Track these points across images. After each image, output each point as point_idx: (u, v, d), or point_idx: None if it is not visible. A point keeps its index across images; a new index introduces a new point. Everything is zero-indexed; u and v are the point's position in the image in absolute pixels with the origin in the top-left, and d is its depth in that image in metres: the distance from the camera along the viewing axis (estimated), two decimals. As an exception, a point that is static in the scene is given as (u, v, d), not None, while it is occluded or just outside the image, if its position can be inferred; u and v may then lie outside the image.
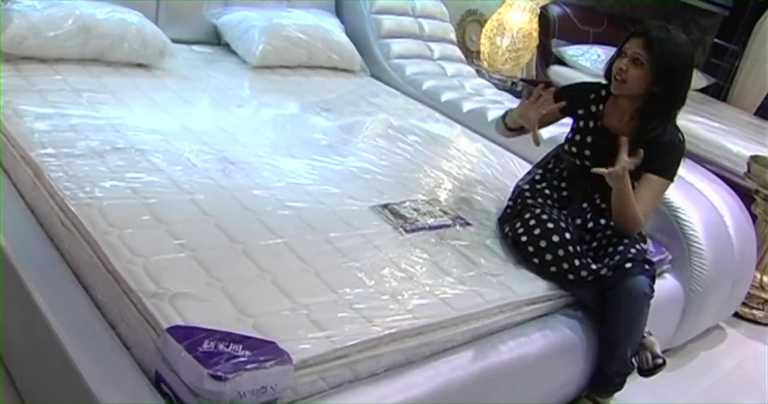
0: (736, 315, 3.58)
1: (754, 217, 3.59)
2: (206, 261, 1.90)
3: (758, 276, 3.67)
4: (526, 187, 2.66)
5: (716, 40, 6.77)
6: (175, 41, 3.59)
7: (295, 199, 2.35)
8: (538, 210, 2.46)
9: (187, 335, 1.59)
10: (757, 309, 3.69)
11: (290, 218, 2.23)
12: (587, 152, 2.55)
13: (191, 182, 2.29)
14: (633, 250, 2.35)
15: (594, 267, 2.32)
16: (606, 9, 6.34)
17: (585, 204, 2.57)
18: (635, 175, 2.41)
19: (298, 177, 2.53)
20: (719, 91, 6.65)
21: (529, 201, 2.56)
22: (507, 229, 2.48)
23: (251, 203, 2.25)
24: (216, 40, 3.86)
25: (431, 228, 2.41)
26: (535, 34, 4.80)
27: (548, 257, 2.34)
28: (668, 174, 2.43)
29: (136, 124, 2.63)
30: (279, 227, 2.15)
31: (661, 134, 2.39)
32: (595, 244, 2.47)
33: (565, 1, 5.92)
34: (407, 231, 2.33)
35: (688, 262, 2.90)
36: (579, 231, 2.50)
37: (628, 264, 2.30)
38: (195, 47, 3.75)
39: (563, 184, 2.65)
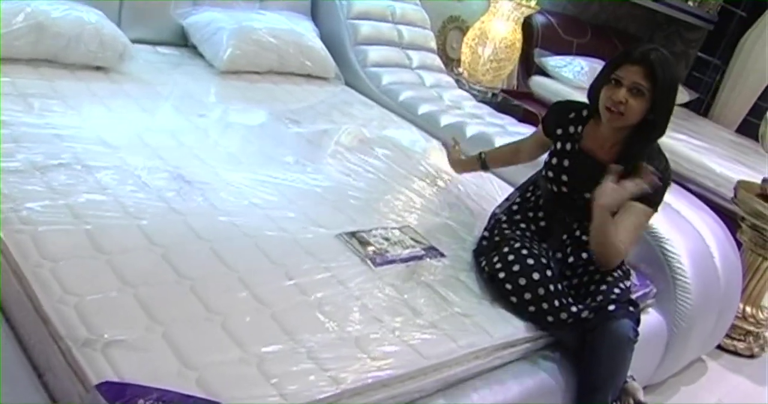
0: (718, 346, 3.43)
1: (739, 244, 3.44)
2: (148, 301, 1.70)
3: (741, 306, 3.52)
4: (503, 217, 2.50)
5: (700, 53, 6.67)
6: (138, 42, 3.42)
7: (254, 226, 2.15)
8: (517, 244, 2.28)
9: (119, 393, 1.40)
10: (739, 340, 3.55)
11: (247, 248, 2.04)
12: (564, 177, 2.38)
13: (140, 205, 2.08)
14: (616, 290, 2.17)
15: (574, 309, 2.14)
16: (590, 19, 6.21)
17: (564, 236, 2.40)
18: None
19: (260, 199, 2.33)
20: (700, 105, 6.54)
21: (507, 232, 2.39)
22: (483, 263, 2.31)
23: (205, 230, 2.05)
24: (183, 41, 3.66)
25: (402, 260, 2.22)
26: (519, 45, 4.63)
27: (527, 296, 2.16)
28: (652, 202, 2.25)
29: (86, 135, 2.42)
30: (234, 259, 1.95)
31: (648, 161, 2.22)
32: (575, 281, 2.30)
33: (550, 10, 5.77)
34: (376, 264, 2.14)
35: (672, 296, 2.74)
36: (559, 266, 2.33)
37: (611, 307, 2.12)
38: (160, 48, 3.55)
39: (540, 213, 2.48)
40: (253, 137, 2.82)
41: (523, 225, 2.45)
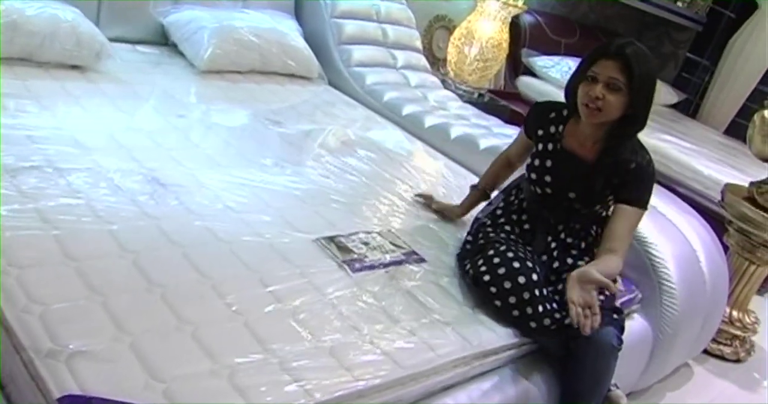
0: (704, 351, 3.40)
1: (725, 247, 3.41)
2: (116, 310, 1.64)
3: (728, 310, 3.49)
4: (487, 221, 2.45)
5: (688, 54, 6.64)
6: (117, 40, 3.37)
7: (230, 230, 2.10)
8: (503, 247, 2.24)
9: (81, 408, 1.34)
10: (725, 345, 3.51)
11: (222, 254, 1.98)
12: (547, 178, 2.33)
13: (112, 209, 2.02)
14: (601, 297, 2.12)
15: (558, 316, 2.09)
16: (579, 19, 6.17)
17: (549, 238, 2.35)
18: (606, 205, 2.27)
19: (236, 202, 2.27)
20: (689, 106, 6.52)
21: (492, 235, 2.35)
22: (468, 266, 2.26)
23: (179, 235, 2.00)
24: (163, 40, 3.60)
25: (381, 266, 2.17)
26: (506, 45, 4.58)
27: (512, 299, 2.12)
28: (642, 202, 2.23)
29: (60, 137, 2.37)
30: (207, 265, 1.90)
31: (628, 159, 2.19)
32: (561, 286, 2.24)
33: (538, 10, 5.73)
34: (354, 270, 2.09)
35: (658, 302, 2.70)
36: (545, 271, 2.28)
37: None
38: (139, 47, 3.49)
39: (524, 216, 2.43)
40: (233, 138, 2.76)
41: (507, 228, 2.40)
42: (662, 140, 4.79)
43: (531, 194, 2.40)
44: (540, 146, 2.36)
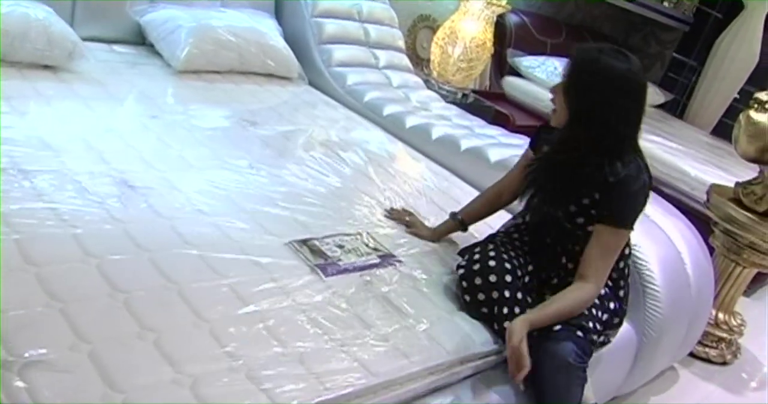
0: (690, 353, 3.35)
1: (711, 249, 3.37)
2: (76, 317, 1.58)
3: (713, 312, 3.45)
4: (502, 229, 2.42)
5: (675, 54, 6.62)
6: (93, 40, 3.32)
7: (199, 234, 2.04)
8: (490, 246, 2.20)
9: (31, 420, 1.28)
10: (712, 347, 3.48)
11: (190, 258, 1.92)
12: (535, 201, 2.28)
13: (77, 212, 1.96)
14: None
15: None
16: (565, 19, 6.14)
17: (548, 259, 2.26)
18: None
19: (208, 205, 2.21)
20: (676, 106, 6.50)
21: (496, 238, 2.32)
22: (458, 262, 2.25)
23: (146, 239, 1.93)
24: (140, 39, 3.54)
25: (356, 269, 2.11)
26: (490, 45, 4.53)
27: (480, 297, 2.08)
28: (619, 221, 2.07)
29: (27, 138, 2.30)
30: (174, 270, 1.84)
31: (616, 172, 2.03)
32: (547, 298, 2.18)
33: (523, 10, 5.69)
34: (327, 274, 2.03)
35: (642, 305, 2.64)
36: (533, 283, 2.24)
37: (556, 327, 2.00)
38: (116, 47, 3.42)
39: (525, 238, 2.34)
40: (207, 140, 2.70)
41: (516, 235, 2.34)
42: (649, 140, 4.74)
43: (531, 215, 2.32)
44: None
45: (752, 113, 3.31)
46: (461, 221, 2.50)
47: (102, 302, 1.66)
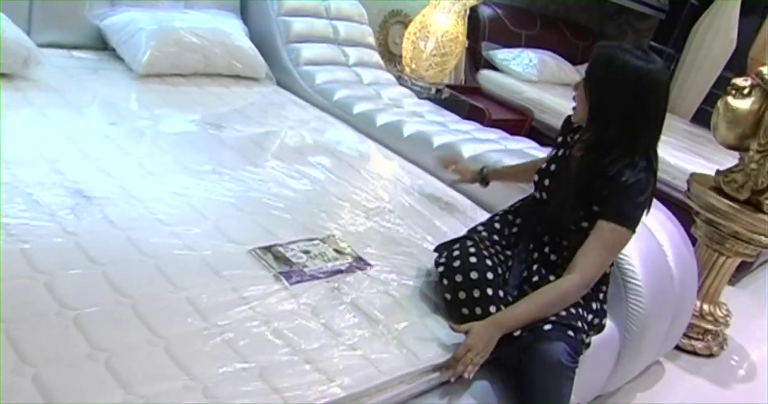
0: (676, 347, 3.28)
1: (693, 239, 3.30)
2: (21, 338, 1.49)
3: (698, 304, 3.38)
4: (486, 222, 2.35)
5: (652, 43, 6.56)
6: (52, 46, 3.22)
7: (156, 245, 1.94)
8: (470, 243, 2.12)
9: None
10: (697, 339, 3.41)
11: (145, 271, 1.83)
12: (546, 181, 2.21)
13: (26, 226, 1.86)
14: (562, 312, 1.98)
15: None
16: (539, 10, 6.07)
17: (531, 246, 2.21)
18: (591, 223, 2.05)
19: (167, 214, 2.12)
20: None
21: (473, 233, 2.25)
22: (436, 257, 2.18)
23: (99, 252, 1.84)
24: (102, 44, 3.43)
25: (323, 275, 2.02)
26: (462, 38, 4.45)
27: (461, 295, 2.01)
28: (621, 219, 1.99)
29: (-25, 150, 2.20)
30: (128, 284, 1.75)
31: (621, 171, 1.97)
32: None
33: (496, 2, 5.62)
34: (291, 282, 1.94)
35: (624, 301, 2.56)
36: (518, 280, 2.16)
37: (547, 326, 1.93)
38: (75, 53, 3.32)
39: (518, 220, 2.31)
40: (168, 145, 2.60)
41: (497, 226, 2.29)
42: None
43: (531, 198, 2.30)
44: (554, 152, 2.26)
45: (730, 99, 3.24)
46: (485, 175, 2.65)
47: (49, 321, 1.57)
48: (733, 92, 3.23)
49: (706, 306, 3.42)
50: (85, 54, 3.34)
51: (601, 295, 2.22)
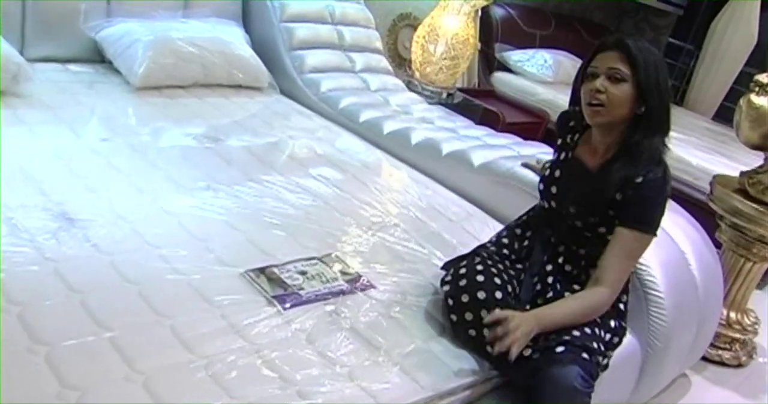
0: (702, 357, 3.13)
1: (718, 244, 3.15)
2: (-14, 379, 1.38)
3: (724, 312, 3.22)
4: (494, 237, 2.23)
5: (671, 39, 6.40)
6: (47, 60, 3.14)
7: (142, 269, 1.83)
8: (477, 260, 2.01)
9: None
10: (724, 349, 3.25)
11: (128, 298, 1.72)
12: (553, 189, 2.08)
13: (4, 253, 1.76)
14: (575, 332, 1.84)
15: None
16: (553, 9, 5.93)
17: (545, 258, 2.07)
18: (612, 228, 1.94)
19: (156, 235, 2.01)
20: (675, 93, 6.28)
21: (481, 249, 2.13)
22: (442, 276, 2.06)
23: (79, 280, 1.73)
24: (98, 57, 3.34)
25: (320, 297, 1.90)
26: (473, 41, 4.32)
27: (468, 316, 1.89)
28: (644, 226, 1.90)
29: (-44, 172, 2.10)
30: (109, 314, 1.64)
31: (637, 172, 1.88)
32: None
33: (509, 2, 5.48)
34: (286, 307, 1.82)
35: (645, 314, 2.42)
36: (530, 294, 2.03)
37: (559, 348, 1.80)
38: (71, 66, 3.23)
39: (528, 233, 2.17)
40: (162, 161, 2.49)
41: (505, 241, 2.17)
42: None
43: (539, 209, 2.16)
44: (557, 155, 2.14)
45: (753, 97, 3.09)
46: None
47: (20, 357, 1.47)
48: (756, 89, 3.08)
49: (733, 314, 3.27)
50: (81, 67, 3.24)
51: (621, 307, 2.08)
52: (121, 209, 2.10)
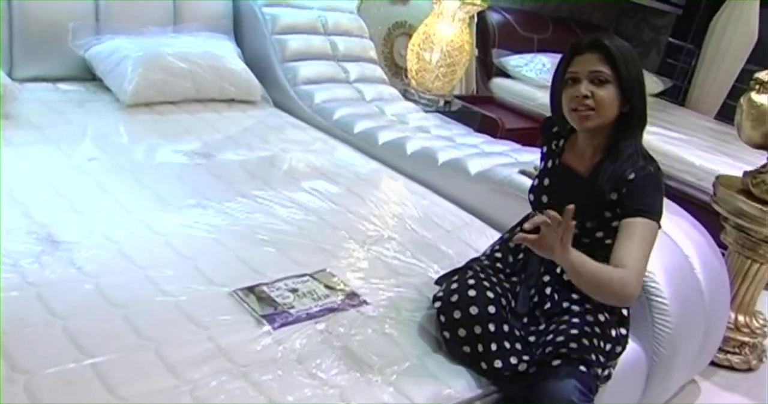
0: (711, 362, 3.06)
1: (724, 246, 3.09)
2: (-41, 413, 1.33)
3: (732, 315, 3.16)
4: (488, 250, 2.17)
5: (671, 39, 6.35)
6: (37, 80, 3.11)
7: (127, 292, 1.79)
8: (469, 273, 1.95)
9: None
10: (734, 353, 3.18)
11: (111, 322, 1.67)
12: (544, 198, 2.03)
13: (-17, 280, 1.72)
14: (573, 344, 1.78)
15: (514, 360, 1.78)
16: (551, 13, 5.88)
17: (542, 269, 2.01)
18: (610, 232, 1.88)
19: (142, 255, 1.96)
20: (677, 93, 6.23)
21: (474, 263, 2.07)
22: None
23: (62, 304, 1.69)
24: (89, 75, 3.31)
25: (311, 316, 1.85)
26: (468, 47, 4.27)
27: (461, 332, 1.82)
28: (651, 213, 1.82)
29: (-62, 197, 2.06)
30: (91, 340, 1.59)
31: (626, 169, 1.84)
32: (553, 327, 1.89)
33: (505, 7, 5.44)
34: (276, 326, 1.77)
35: (649, 321, 2.36)
36: (527, 307, 1.97)
37: (555, 362, 1.75)
38: (61, 85, 3.20)
39: (523, 245, 2.09)
40: (150, 180, 2.44)
41: (498, 255, 2.11)
42: (647, 132, 4.44)
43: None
44: (544, 164, 2.09)
45: (754, 95, 3.04)
46: None
47: (-4, 389, 1.42)
48: (757, 87, 3.03)
49: (741, 318, 3.20)
50: (71, 86, 3.21)
51: (624, 312, 2.02)
52: (108, 230, 2.06)
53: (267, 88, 3.57)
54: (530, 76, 5.15)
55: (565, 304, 1.94)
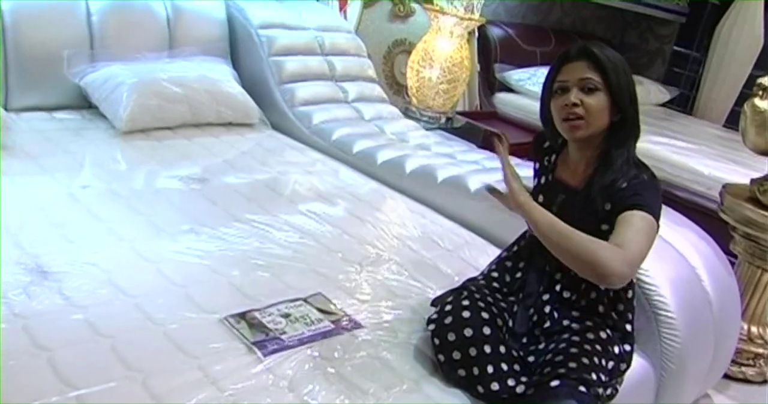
0: (725, 375, 2.99)
1: (733, 256, 3.03)
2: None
3: (745, 327, 3.10)
4: (485, 270, 2.12)
5: (676, 47, 6.31)
6: (34, 109, 3.10)
7: (116, 322, 1.75)
8: (464, 294, 1.91)
9: None
10: (747, 365, 3.12)
11: (98, 353, 1.63)
12: None
13: (-31, 313, 1.69)
14: (572, 364, 1.73)
15: (511, 382, 1.74)
16: (553, 25, 5.86)
17: (541, 288, 1.97)
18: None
19: (132, 284, 1.92)
20: (685, 101, 6.17)
21: (470, 283, 2.02)
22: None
23: (48, 336, 1.65)
24: (85, 103, 3.29)
25: (304, 341, 1.81)
26: (468, 63, 4.24)
27: (456, 355, 1.78)
28: (646, 207, 1.72)
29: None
30: (76, 372, 1.55)
31: (617, 178, 1.78)
32: (552, 346, 1.85)
33: (506, 22, 5.41)
34: (267, 353, 1.73)
35: (656, 336, 2.31)
36: (525, 326, 1.93)
37: (554, 383, 1.69)
38: (57, 114, 3.19)
39: (521, 264, 2.06)
40: (144, 207, 2.42)
41: (495, 275, 2.06)
42: (653, 143, 4.45)
43: (530, 238, 2.04)
44: (537, 181, 2.05)
45: (757, 101, 3.01)
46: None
47: (-23, 428, 1.38)
48: (760, 93, 2.98)
49: (754, 329, 3.14)
50: (67, 114, 3.20)
51: (628, 327, 1.96)
52: (98, 259, 2.03)
53: (265, 110, 3.55)
54: (533, 90, 5.10)
55: (565, 322, 1.89)
